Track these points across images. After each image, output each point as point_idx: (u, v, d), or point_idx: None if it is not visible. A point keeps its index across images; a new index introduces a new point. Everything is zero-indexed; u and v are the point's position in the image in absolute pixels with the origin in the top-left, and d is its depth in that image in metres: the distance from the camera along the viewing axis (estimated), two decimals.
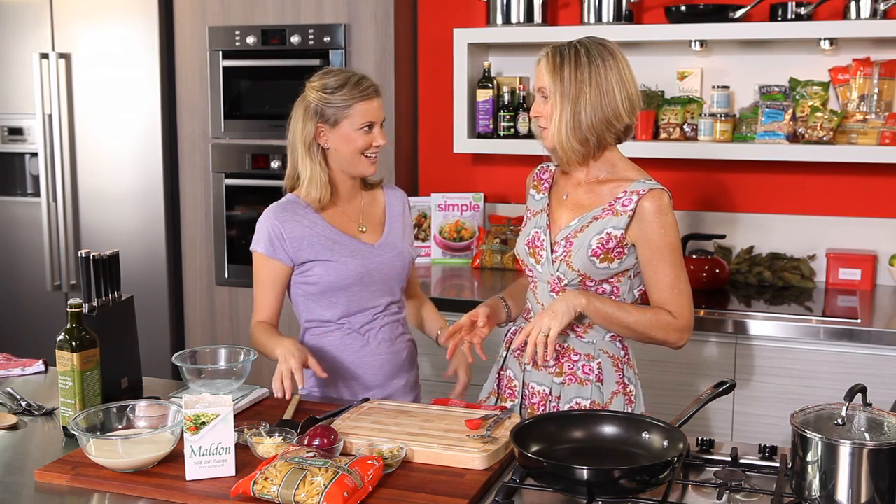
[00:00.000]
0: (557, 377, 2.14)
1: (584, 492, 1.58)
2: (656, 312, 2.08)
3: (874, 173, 3.38)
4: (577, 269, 2.08)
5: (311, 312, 2.36)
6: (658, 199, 2.06)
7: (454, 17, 3.78)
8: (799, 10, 3.24)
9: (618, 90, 2.04)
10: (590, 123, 2.03)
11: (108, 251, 2.20)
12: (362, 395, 2.31)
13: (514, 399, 2.21)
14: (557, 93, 2.04)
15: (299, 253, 2.29)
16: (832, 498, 1.54)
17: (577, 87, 2.02)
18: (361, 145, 2.27)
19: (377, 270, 2.33)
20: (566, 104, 2.03)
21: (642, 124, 3.44)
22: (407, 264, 2.42)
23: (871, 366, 2.81)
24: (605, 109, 2.03)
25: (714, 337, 2.96)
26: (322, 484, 1.59)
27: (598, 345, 2.13)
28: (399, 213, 2.45)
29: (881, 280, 3.39)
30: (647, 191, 2.06)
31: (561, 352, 2.14)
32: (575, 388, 2.13)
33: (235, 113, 3.80)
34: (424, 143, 3.94)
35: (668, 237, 2.06)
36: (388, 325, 2.39)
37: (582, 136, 2.05)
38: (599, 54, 2.04)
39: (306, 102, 2.28)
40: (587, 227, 2.08)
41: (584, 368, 2.13)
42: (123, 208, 3.95)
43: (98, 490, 1.73)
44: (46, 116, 3.96)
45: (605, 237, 2.06)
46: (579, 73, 2.03)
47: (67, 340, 1.96)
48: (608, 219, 2.07)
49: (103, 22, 3.87)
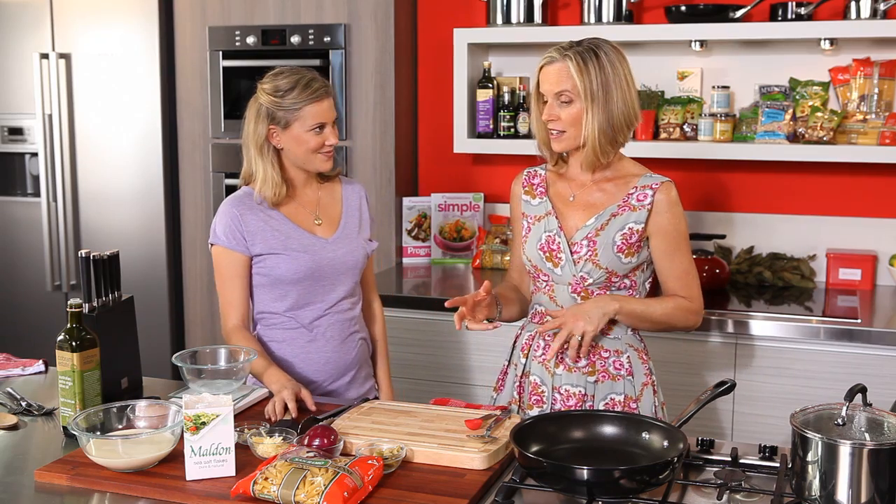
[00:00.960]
0: (591, 376, 2.17)
1: (585, 492, 1.58)
2: (675, 301, 2.17)
3: (874, 173, 3.38)
4: (604, 266, 2.12)
5: (261, 303, 2.37)
6: (670, 191, 2.15)
7: (454, 17, 3.78)
8: (799, 10, 3.24)
9: (633, 88, 2.11)
10: (619, 123, 2.09)
11: (108, 251, 2.19)
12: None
13: (541, 405, 2.21)
14: (588, 95, 2.05)
15: (254, 246, 2.30)
16: (832, 498, 1.54)
17: (606, 88, 2.06)
18: (313, 146, 2.29)
19: (329, 265, 2.34)
20: (597, 106, 2.06)
21: (642, 124, 3.43)
22: (361, 259, 2.41)
23: (871, 366, 2.81)
24: (629, 108, 2.09)
25: (714, 337, 2.96)
26: (322, 484, 1.59)
27: (623, 339, 2.18)
28: (356, 207, 2.45)
29: (881, 280, 3.39)
30: (659, 184, 2.14)
31: (591, 350, 2.17)
32: (608, 385, 2.17)
33: (235, 113, 3.80)
34: (424, 143, 3.94)
35: (681, 226, 2.16)
36: (338, 322, 2.38)
37: (612, 136, 2.10)
38: (615, 56, 2.09)
39: (258, 104, 2.30)
40: (607, 224, 2.13)
41: (615, 364, 2.17)
42: (123, 208, 3.95)
43: (98, 490, 1.72)
44: (46, 116, 3.96)
45: (628, 232, 2.12)
46: (604, 73, 2.06)
47: (67, 340, 1.96)
48: (626, 214, 2.12)
49: (103, 22, 3.87)
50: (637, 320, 2.15)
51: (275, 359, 2.33)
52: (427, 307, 3.22)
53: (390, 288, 3.36)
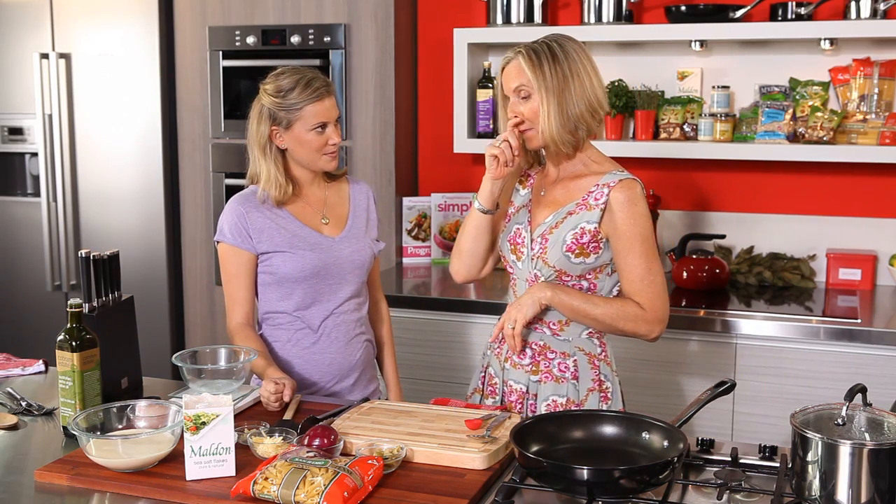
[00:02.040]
0: (534, 375, 2.17)
1: (585, 492, 1.58)
2: (624, 304, 2.09)
3: (874, 173, 3.38)
4: (552, 265, 2.11)
5: (267, 303, 2.37)
6: (627, 190, 2.08)
7: (454, 17, 3.78)
8: (799, 10, 3.24)
9: (595, 78, 2.10)
10: (578, 113, 2.07)
11: (108, 251, 2.19)
12: (306, 392, 2.31)
13: (494, 396, 2.23)
14: (542, 88, 2.06)
15: (260, 244, 2.30)
16: (832, 498, 1.54)
17: (562, 80, 2.06)
18: (316, 146, 2.28)
19: (335, 264, 2.33)
20: (552, 97, 2.06)
21: (642, 124, 3.44)
22: (367, 259, 2.41)
23: (871, 366, 2.81)
24: (589, 97, 2.08)
25: (714, 337, 2.96)
26: (322, 484, 1.59)
27: (574, 342, 2.16)
28: (363, 208, 2.44)
29: (881, 280, 3.39)
30: (616, 182, 2.09)
31: (538, 350, 2.16)
32: (551, 386, 2.15)
33: (235, 113, 3.80)
34: (424, 143, 3.94)
35: (638, 227, 2.07)
36: (343, 323, 2.38)
37: (572, 126, 2.08)
38: (571, 47, 2.10)
39: (260, 105, 2.29)
40: (562, 222, 2.11)
41: (560, 366, 2.15)
42: (123, 208, 3.95)
43: (98, 490, 1.72)
44: (46, 116, 3.96)
45: (579, 232, 2.09)
46: (558, 65, 2.07)
47: (67, 340, 1.96)
48: (582, 213, 2.10)
49: (103, 22, 3.87)
50: (574, 314, 2.10)
51: (278, 359, 2.33)
52: (427, 307, 3.22)
53: (390, 288, 3.36)
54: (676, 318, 2.96)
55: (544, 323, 2.16)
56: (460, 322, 3.18)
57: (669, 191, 3.58)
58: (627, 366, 3.00)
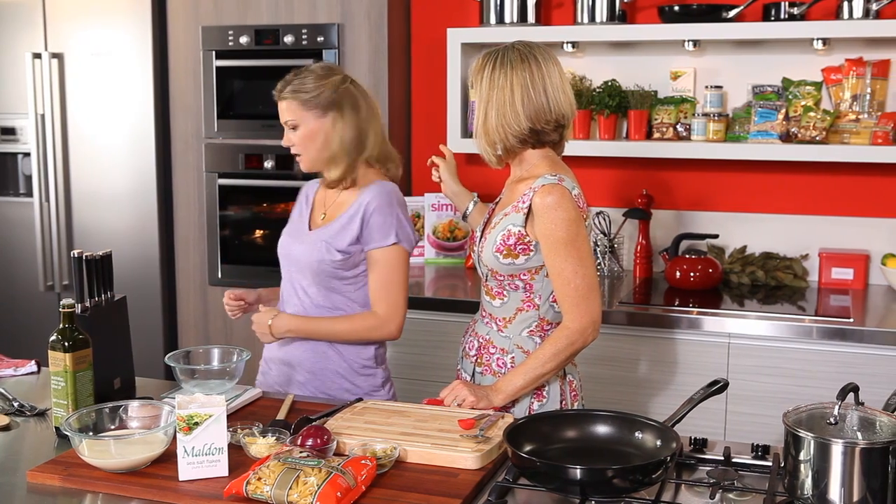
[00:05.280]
0: (478, 367, 2.26)
1: (578, 491, 1.58)
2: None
3: (867, 173, 3.39)
4: (485, 263, 2.19)
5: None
6: (546, 195, 2.09)
7: (448, 17, 3.78)
8: (792, 10, 3.25)
9: (519, 95, 2.10)
10: (492, 126, 2.14)
11: (101, 251, 2.19)
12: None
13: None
14: (476, 95, 2.17)
15: None
16: (824, 497, 1.55)
17: (488, 91, 2.13)
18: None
19: (294, 254, 2.40)
20: (480, 106, 2.15)
21: (635, 124, 3.44)
22: (318, 259, 2.32)
23: (863, 365, 2.81)
24: (505, 115, 2.11)
25: (707, 336, 2.97)
26: (315, 484, 1.59)
27: (514, 340, 2.20)
28: (351, 214, 2.34)
29: (873, 279, 3.40)
30: (539, 187, 2.11)
31: (482, 343, 2.25)
32: (490, 379, 2.23)
33: (229, 113, 3.80)
34: (418, 143, 3.94)
35: (558, 232, 2.08)
36: (294, 310, 2.42)
37: (490, 139, 2.16)
38: (513, 59, 2.12)
39: None
40: (498, 224, 2.18)
41: (499, 361, 2.22)
42: (116, 208, 3.95)
43: (91, 491, 1.72)
44: (39, 116, 3.95)
45: (506, 234, 2.14)
46: (493, 76, 2.12)
47: (60, 341, 1.95)
48: (511, 216, 2.15)
49: (96, 21, 3.86)
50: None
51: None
52: (421, 307, 3.22)
53: None
54: (669, 317, 2.97)
55: (493, 318, 2.22)
56: (454, 322, 3.18)
57: (662, 190, 3.59)
58: (620, 365, 3.01)
